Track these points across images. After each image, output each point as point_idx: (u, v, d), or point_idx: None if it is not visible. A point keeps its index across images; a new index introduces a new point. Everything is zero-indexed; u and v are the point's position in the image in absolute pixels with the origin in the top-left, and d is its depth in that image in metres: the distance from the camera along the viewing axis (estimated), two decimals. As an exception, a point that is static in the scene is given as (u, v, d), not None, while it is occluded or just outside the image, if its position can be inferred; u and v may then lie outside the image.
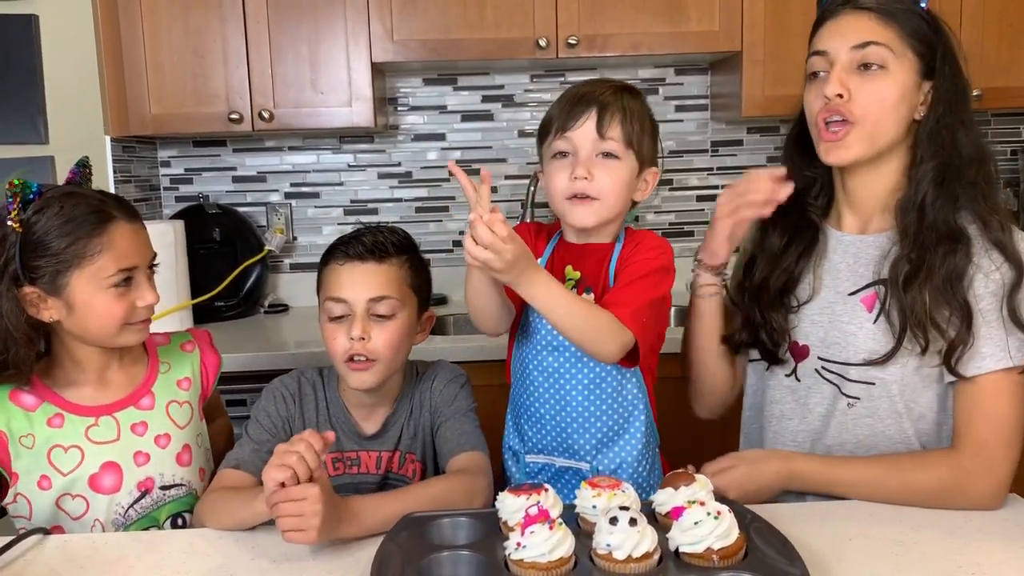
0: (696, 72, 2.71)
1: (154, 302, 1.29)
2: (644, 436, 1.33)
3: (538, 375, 1.34)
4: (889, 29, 1.20)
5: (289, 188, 2.72)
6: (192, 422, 1.38)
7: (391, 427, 1.38)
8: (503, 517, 1.04)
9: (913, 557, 1.05)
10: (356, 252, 1.31)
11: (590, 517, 1.03)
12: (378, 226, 1.38)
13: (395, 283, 1.32)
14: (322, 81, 2.36)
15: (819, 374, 1.30)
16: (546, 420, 1.34)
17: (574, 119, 1.28)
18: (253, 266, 2.56)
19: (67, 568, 1.10)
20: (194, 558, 1.11)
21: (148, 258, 1.30)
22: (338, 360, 1.32)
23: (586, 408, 1.31)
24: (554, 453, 1.35)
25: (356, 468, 1.37)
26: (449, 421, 1.36)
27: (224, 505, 1.21)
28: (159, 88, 2.34)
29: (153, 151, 2.66)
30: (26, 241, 1.21)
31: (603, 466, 1.33)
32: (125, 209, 1.28)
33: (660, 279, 1.29)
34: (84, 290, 1.22)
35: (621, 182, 1.29)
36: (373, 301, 1.30)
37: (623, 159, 1.29)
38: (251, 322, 2.54)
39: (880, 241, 1.28)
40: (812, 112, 1.26)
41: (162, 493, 1.32)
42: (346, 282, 1.31)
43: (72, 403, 1.29)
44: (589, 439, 1.32)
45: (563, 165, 1.30)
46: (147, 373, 1.37)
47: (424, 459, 1.39)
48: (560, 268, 1.35)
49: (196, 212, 2.56)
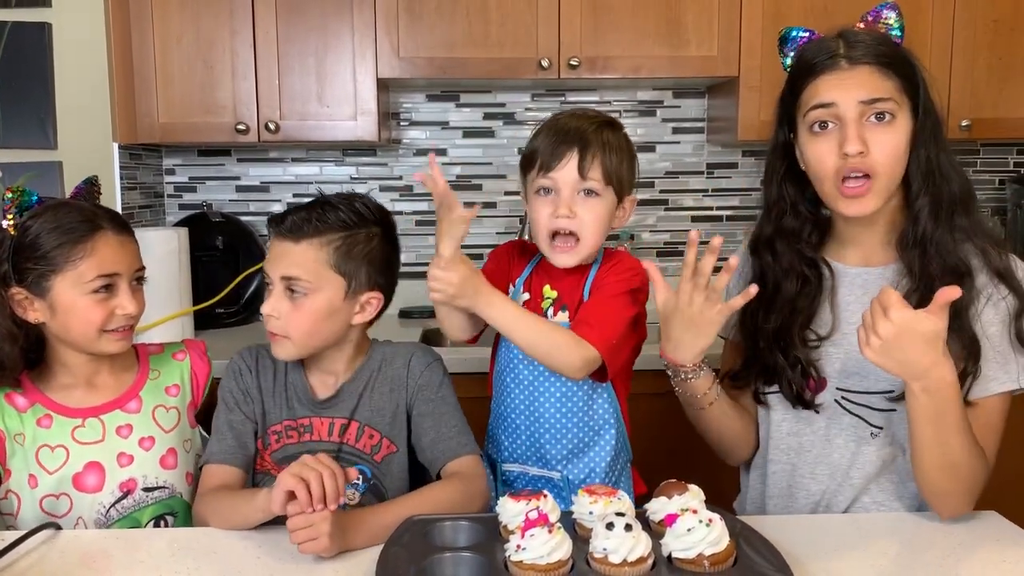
0: (694, 95, 2.77)
1: (134, 312, 1.32)
2: (614, 449, 1.38)
3: (514, 387, 1.39)
4: (889, 80, 1.22)
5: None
6: (179, 427, 1.42)
7: (344, 394, 1.36)
8: (503, 521, 1.08)
9: (900, 568, 1.09)
10: (282, 229, 1.31)
11: (587, 523, 1.07)
12: (325, 199, 1.34)
13: (311, 265, 1.29)
14: (328, 94, 2.41)
15: (840, 405, 1.31)
16: (520, 430, 1.40)
17: (557, 159, 1.32)
18: (254, 275, 2.59)
19: (80, 564, 1.13)
20: (201, 556, 1.15)
21: (132, 268, 1.34)
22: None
23: (558, 420, 1.37)
24: (528, 462, 1.41)
25: (309, 435, 1.36)
26: (437, 417, 1.34)
27: (225, 504, 1.24)
28: (168, 97, 2.38)
29: (159, 159, 2.70)
30: (19, 244, 1.28)
31: (573, 475, 1.38)
32: (115, 222, 1.33)
33: (631, 299, 1.34)
34: (66, 294, 1.28)
35: (601, 218, 1.34)
36: (286, 279, 1.30)
37: (603, 195, 1.34)
38: (251, 329, 2.57)
39: (887, 274, 1.30)
40: (825, 167, 1.24)
41: (145, 495, 1.36)
42: (272, 258, 1.32)
43: (60, 404, 1.34)
44: (560, 449, 1.37)
45: (546, 202, 1.34)
46: (136, 379, 1.41)
47: (394, 438, 1.36)
48: (539, 287, 1.40)
49: (200, 220, 2.60)
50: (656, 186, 2.80)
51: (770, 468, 1.38)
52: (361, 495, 1.34)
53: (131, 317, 1.33)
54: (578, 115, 1.37)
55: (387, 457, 1.36)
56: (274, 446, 1.36)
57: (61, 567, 1.12)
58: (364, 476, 1.34)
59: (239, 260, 2.59)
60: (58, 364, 1.35)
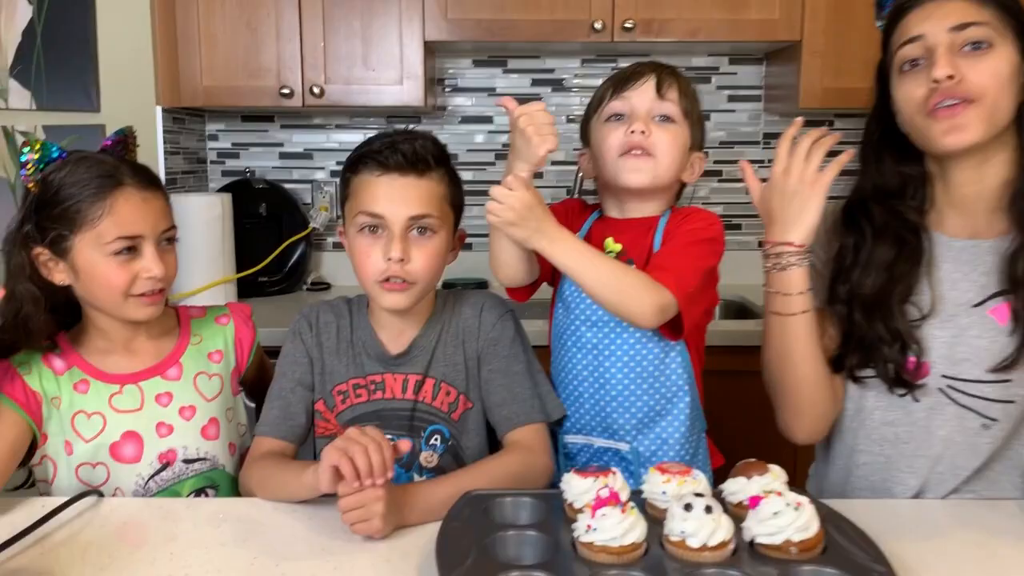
0: (750, 62, 2.66)
1: (160, 274, 1.22)
2: (688, 418, 1.29)
3: (576, 351, 1.30)
4: (986, 10, 1.12)
5: (335, 166, 2.71)
6: (222, 395, 1.35)
7: (417, 349, 1.28)
8: (568, 499, 1.01)
9: (998, 560, 1.00)
10: (396, 163, 1.20)
11: (659, 503, 1.00)
12: (409, 129, 1.28)
13: (436, 200, 1.22)
14: (373, 58, 2.34)
15: (944, 394, 1.19)
16: (584, 398, 1.31)
17: (633, 80, 1.26)
18: (297, 243, 2.55)
19: (119, 533, 1.09)
20: (247, 530, 1.09)
21: (158, 229, 1.23)
22: (370, 280, 1.23)
23: (626, 386, 1.28)
24: (592, 433, 1.32)
25: (381, 393, 1.28)
26: (508, 377, 1.26)
27: (272, 477, 1.19)
28: (211, 60, 2.33)
29: (201, 124, 2.66)
30: (40, 200, 1.21)
31: (643, 447, 1.29)
32: (140, 176, 1.23)
33: (709, 250, 1.25)
34: (86, 255, 1.20)
35: (677, 145, 1.27)
36: (414, 219, 1.20)
37: (679, 125, 1.27)
38: (294, 298, 2.53)
39: (997, 246, 1.17)
40: (914, 101, 1.14)
41: (185, 466, 1.29)
42: (384, 196, 1.20)
43: (98, 369, 1.28)
44: (629, 418, 1.29)
45: (619, 124, 1.27)
46: (176, 344, 1.34)
47: (469, 394, 1.28)
48: (600, 241, 1.31)
49: (242, 187, 2.55)
50: (709, 156, 2.69)
51: (859, 459, 1.26)
52: (439, 456, 1.27)
53: (158, 280, 1.22)
54: (647, 62, 1.32)
55: (464, 414, 1.28)
56: (340, 406, 1.29)
57: (102, 535, 1.08)
58: (441, 436, 1.28)
59: (282, 228, 2.55)
60: (93, 328, 1.29)
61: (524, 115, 1.17)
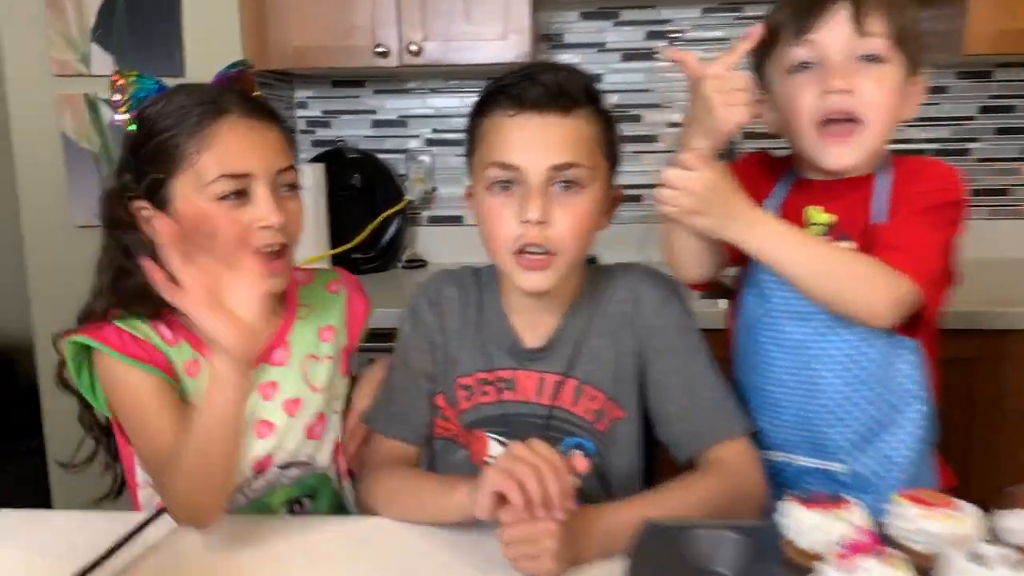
0: (900, 5, 2.34)
1: (277, 221, 0.99)
2: (921, 430, 1.04)
3: (774, 349, 1.06)
4: None
5: (431, 134, 2.50)
6: (330, 384, 1.13)
7: (558, 342, 1.05)
8: (789, 536, 0.77)
9: None
10: (533, 98, 0.96)
11: (914, 546, 0.76)
12: (553, 62, 1.03)
13: (585, 145, 0.98)
14: (476, 11, 2.11)
15: None
16: (783, 407, 1.07)
17: (819, 14, 0.98)
18: (392, 217, 2.36)
19: (207, 556, 0.90)
20: (374, 555, 0.90)
21: (273, 168, 1.00)
22: (503, 252, 0.99)
23: (844, 394, 1.03)
24: (795, 450, 1.08)
25: (511, 393, 1.06)
26: (686, 377, 1.02)
27: (408, 493, 0.98)
28: (301, 19, 2.13)
29: (290, 90, 2.48)
30: (136, 142, 1.00)
31: (863, 467, 1.05)
32: (247, 104, 1.02)
33: (950, 217, 1.00)
34: (186, 201, 0.98)
35: (891, 95, 1.00)
36: (557, 169, 0.96)
37: (890, 62, 0.99)
38: (388, 276, 2.35)
39: None
40: None
41: (279, 472, 1.08)
42: (518, 141, 0.96)
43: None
44: (847, 432, 1.04)
45: (808, 80, 1.00)
46: (284, 318, 1.11)
47: (620, 400, 1.04)
48: (798, 212, 1.06)
49: (335, 157, 2.37)
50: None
51: None
52: (581, 477, 1.03)
53: (276, 232, 0.99)
54: None
55: (613, 425, 1.04)
56: (463, 404, 1.08)
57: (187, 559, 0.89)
58: (583, 451, 1.04)
59: (376, 201, 2.36)
60: None
61: (712, 78, 0.92)
